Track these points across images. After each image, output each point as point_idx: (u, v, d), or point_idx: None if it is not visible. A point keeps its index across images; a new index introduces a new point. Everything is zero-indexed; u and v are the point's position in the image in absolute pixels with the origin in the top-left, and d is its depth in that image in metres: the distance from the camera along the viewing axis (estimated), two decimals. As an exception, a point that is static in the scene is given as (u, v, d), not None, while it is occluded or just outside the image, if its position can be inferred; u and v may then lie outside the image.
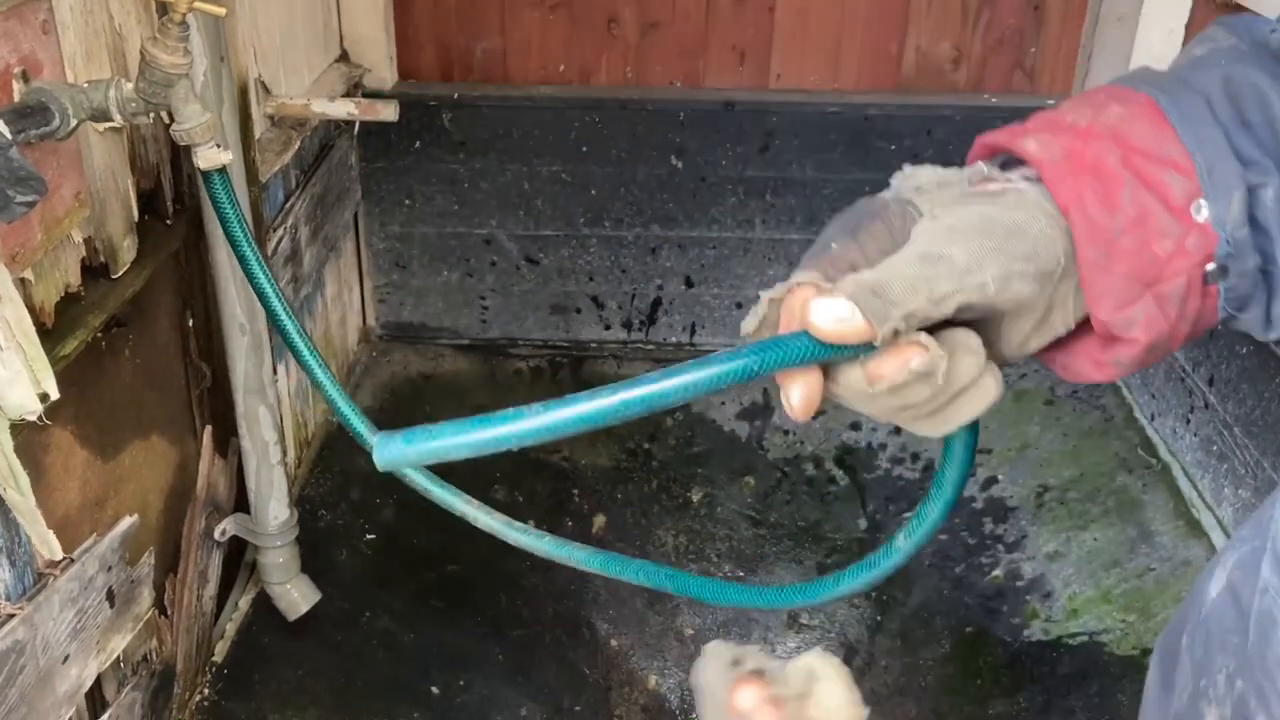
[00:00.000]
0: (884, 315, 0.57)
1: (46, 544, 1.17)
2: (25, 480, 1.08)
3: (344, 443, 2.26)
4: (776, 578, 2.25)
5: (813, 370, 0.59)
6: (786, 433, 2.40)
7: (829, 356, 0.58)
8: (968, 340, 0.60)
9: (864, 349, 0.57)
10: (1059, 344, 0.65)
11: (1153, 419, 2.24)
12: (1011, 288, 0.60)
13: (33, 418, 0.98)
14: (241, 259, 1.30)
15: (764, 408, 2.42)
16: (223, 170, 1.18)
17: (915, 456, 2.35)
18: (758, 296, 0.60)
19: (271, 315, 1.33)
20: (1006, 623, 2.04)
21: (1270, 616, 0.68)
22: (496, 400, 2.43)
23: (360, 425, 1.37)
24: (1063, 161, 0.62)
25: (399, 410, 2.36)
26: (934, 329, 0.59)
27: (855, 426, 2.38)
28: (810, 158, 2.34)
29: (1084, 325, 0.65)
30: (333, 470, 2.07)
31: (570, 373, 2.49)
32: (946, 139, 2.33)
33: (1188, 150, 0.62)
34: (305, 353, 1.33)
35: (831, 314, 0.56)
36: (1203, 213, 0.61)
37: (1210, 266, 0.62)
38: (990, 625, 2.06)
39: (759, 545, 2.30)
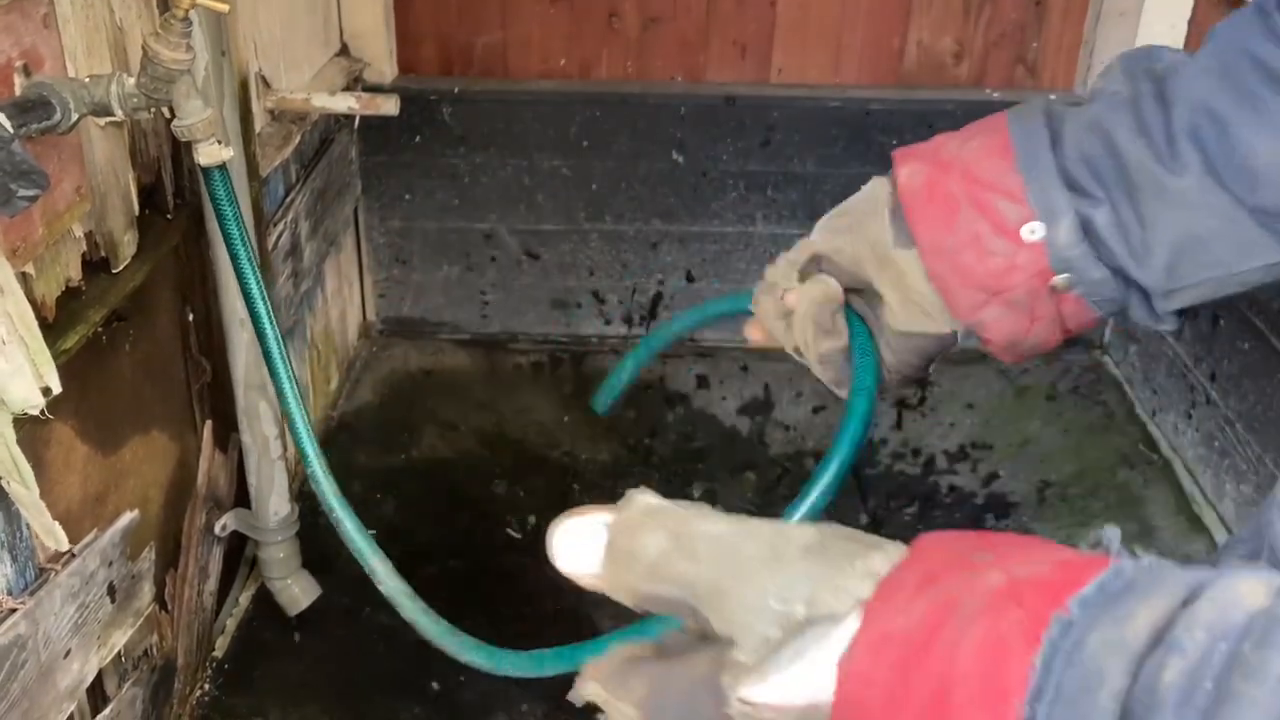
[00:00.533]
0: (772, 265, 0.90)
1: (52, 534, 1.16)
2: (29, 472, 1.08)
3: (344, 439, 2.26)
4: (777, 573, 2.25)
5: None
6: (787, 428, 2.40)
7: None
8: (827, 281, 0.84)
9: None
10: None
11: (1154, 415, 2.24)
12: (829, 239, 0.85)
13: (35, 412, 0.98)
14: (234, 257, 1.29)
15: (764, 403, 2.42)
16: (223, 167, 1.18)
17: (916, 452, 2.35)
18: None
19: (256, 324, 1.30)
20: (1007, 618, 2.04)
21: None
22: (497, 395, 2.43)
23: (312, 452, 1.32)
24: (921, 191, 0.80)
25: (400, 404, 2.36)
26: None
27: (856, 422, 2.38)
28: (812, 152, 2.34)
29: None
30: (332, 466, 2.06)
31: (571, 368, 2.49)
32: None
33: (1023, 182, 0.76)
34: (282, 371, 1.28)
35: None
36: (1035, 234, 0.75)
37: (1058, 279, 0.76)
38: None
39: (760, 541, 2.30)
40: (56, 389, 0.98)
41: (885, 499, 2.31)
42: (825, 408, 2.40)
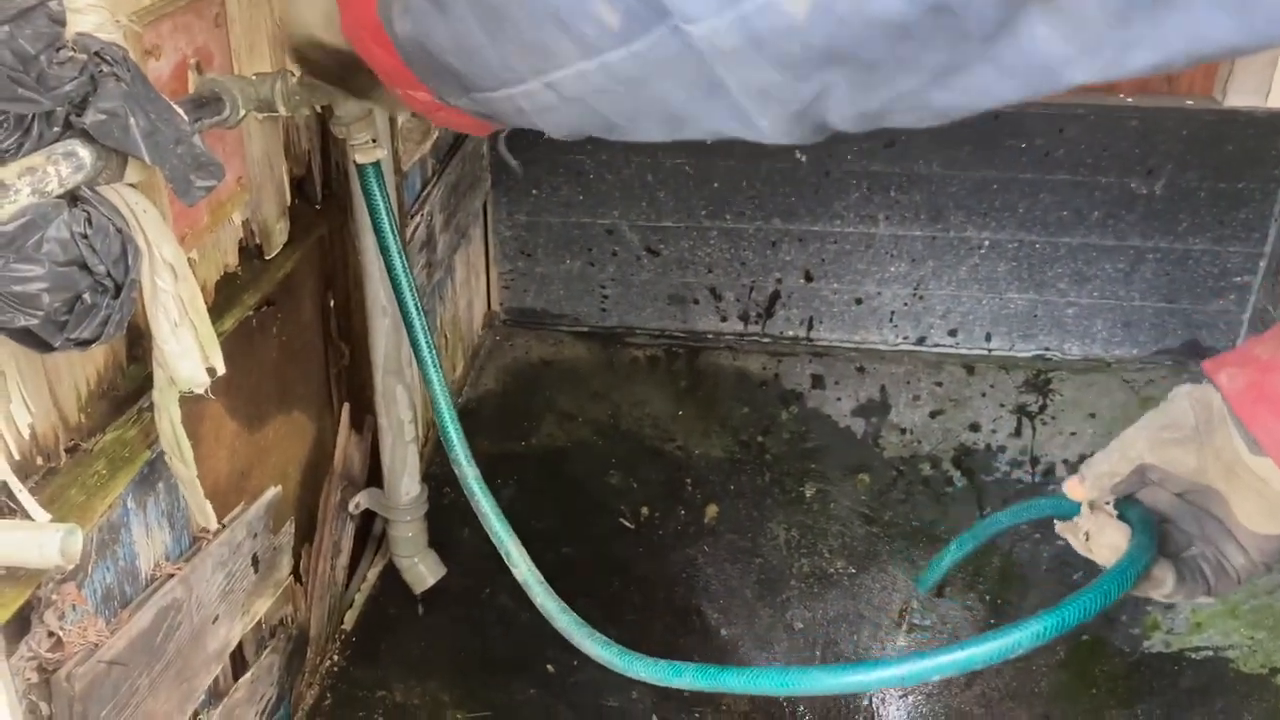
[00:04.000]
0: (1084, 476, 0.95)
1: (204, 513, 1.24)
2: (190, 452, 1.15)
3: (469, 424, 2.32)
4: (889, 575, 2.25)
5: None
6: (903, 431, 2.39)
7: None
8: (1116, 524, 0.92)
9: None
10: None
11: (1288, 431, 2.17)
12: (1160, 451, 0.91)
13: (200, 390, 1.04)
14: (384, 250, 1.36)
15: (880, 404, 2.41)
16: (376, 163, 1.23)
17: (1035, 460, 2.32)
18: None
19: (403, 311, 1.37)
20: (1125, 633, 2.00)
21: None
22: (614, 387, 2.47)
23: (457, 439, 1.37)
24: (1245, 391, 0.84)
25: (520, 393, 2.42)
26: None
27: (974, 428, 2.36)
28: (938, 154, 2.32)
29: None
30: (456, 450, 2.13)
31: (686, 363, 2.51)
32: (1079, 138, 2.28)
33: None
34: (426, 353, 1.35)
35: (1069, 482, 0.96)
36: None
37: None
38: (1109, 635, 2.02)
39: (871, 543, 2.29)
40: (221, 370, 1.05)
41: (1001, 505, 2.28)
42: (943, 412, 2.38)
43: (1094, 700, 1.94)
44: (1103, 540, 0.92)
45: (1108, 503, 0.94)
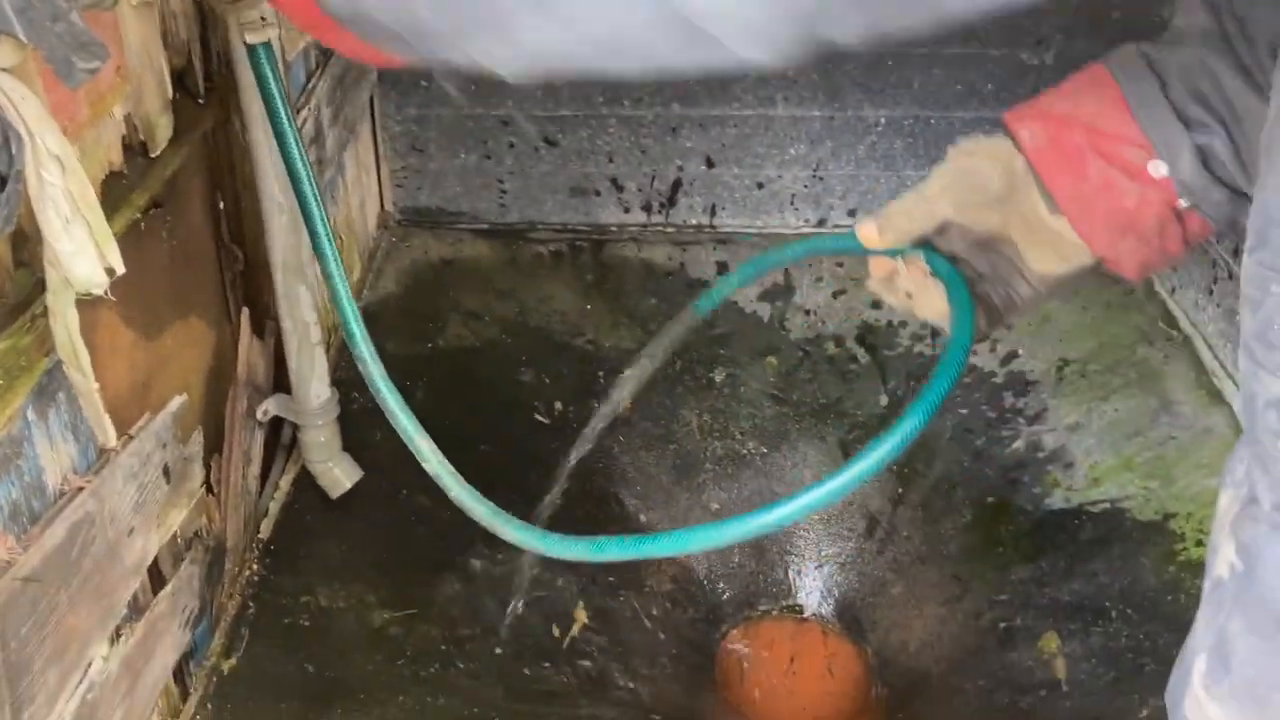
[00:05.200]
0: (883, 228, 0.97)
1: (101, 428, 1.19)
2: (87, 360, 1.09)
3: (372, 329, 2.27)
4: (800, 453, 2.29)
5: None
6: (808, 313, 2.41)
7: (864, 252, 1.00)
8: (935, 284, 0.95)
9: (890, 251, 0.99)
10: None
11: (1174, 292, 2.26)
12: (965, 212, 0.94)
13: (99, 291, 0.98)
14: (279, 135, 1.29)
15: (786, 289, 2.43)
16: (268, 44, 1.17)
17: (936, 334, 2.37)
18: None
19: (302, 203, 1.32)
20: (1028, 492, 2.08)
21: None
22: (519, 284, 2.43)
23: (359, 333, 1.31)
24: (1047, 148, 0.89)
25: (422, 295, 2.37)
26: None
27: (876, 305, 2.39)
28: (832, 32, 2.31)
29: None
30: (362, 354, 2.08)
31: (591, 256, 2.49)
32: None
33: (1141, 128, 0.85)
34: (326, 245, 1.30)
35: (862, 227, 0.98)
36: (1160, 170, 0.85)
37: (1181, 204, 0.86)
38: (1012, 495, 2.10)
39: (781, 423, 2.33)
40: (120, 269, 0.99)
41: (905, 379, 2.34)
42: (845, 291, 2.41)
43: (1001, 558, 2.02)
44: (924, 301, 0.97)
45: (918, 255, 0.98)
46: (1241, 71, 0.82)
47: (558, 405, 2.22)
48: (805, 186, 2.46)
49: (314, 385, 1.65)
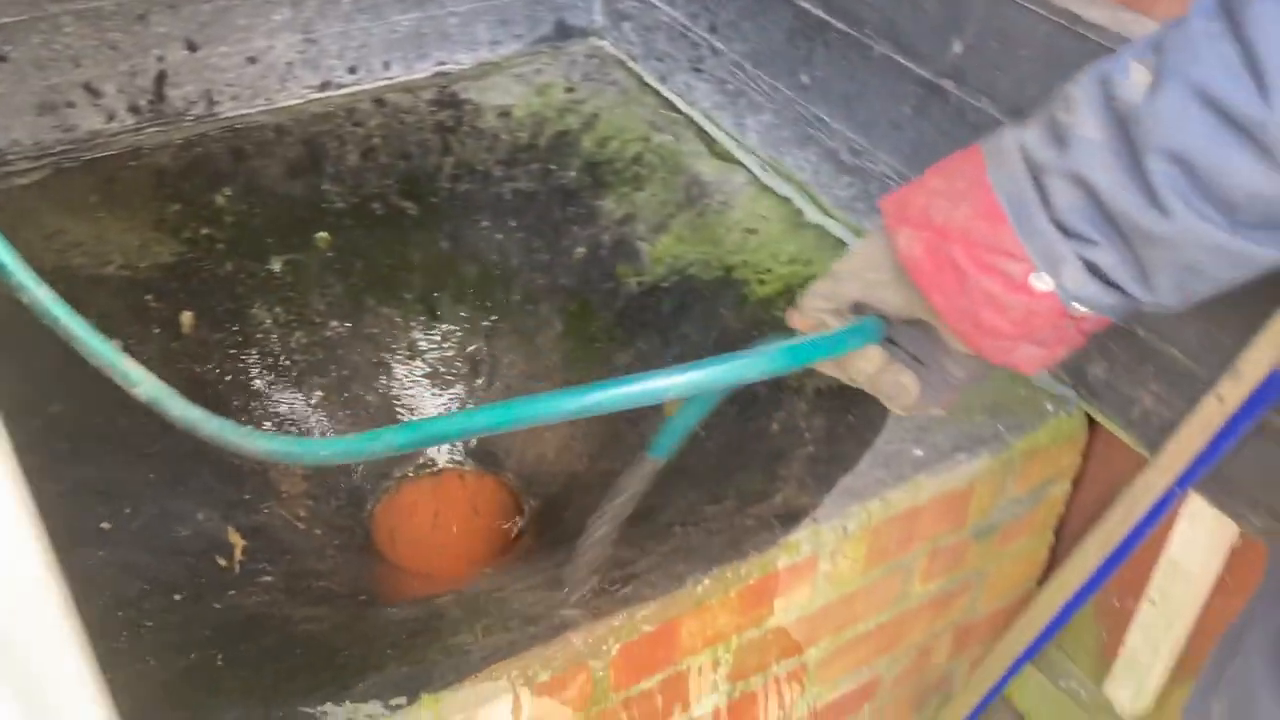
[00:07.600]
0: (803, 310, 1.00)
1: None
2: None
3: None
4: (381, 318, 2.28)
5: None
6: (342, 180, 2.36)
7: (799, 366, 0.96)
8: (871, 350, 0.96)
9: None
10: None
11: (664, 80, 2.49)
12: (869, 291, 0.94)
13: None
14: None
15: (313, 160, 2.34)
16: None
17: (472, 170, 2.43)
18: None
19: None
20: (603, 290, 2.25)
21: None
22: (11, 225, 2.12)
23: None
24: (924, 259, 0.84)
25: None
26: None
27: (406, 156, 2.39)
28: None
29: None
30: None
31: (86, 174, 2.22)
32: None
33: (1021, 242, 0.80)
34: None
35: (788, 312, 1.01)
36: (1046, 284, 0.80)
37: (1075, 309, 0.81)
38: (590, 296, 2.27)
39: (355, 295, 2.30)
40: None
41: (462, 218, 2.39)
42: (374, 149, 2.38)
43: (602, 352, 2.19)
44: (884, 379, 0.97)
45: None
46: (1123, 188, 0.75)
47: (116, 341, 2.01)
48: (300, 53, 2.36)
49: None
